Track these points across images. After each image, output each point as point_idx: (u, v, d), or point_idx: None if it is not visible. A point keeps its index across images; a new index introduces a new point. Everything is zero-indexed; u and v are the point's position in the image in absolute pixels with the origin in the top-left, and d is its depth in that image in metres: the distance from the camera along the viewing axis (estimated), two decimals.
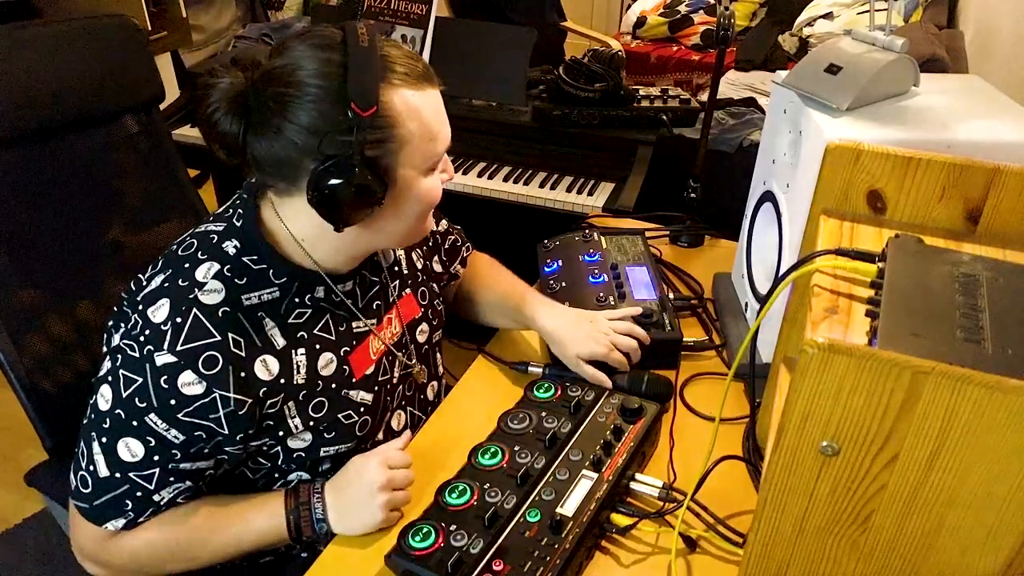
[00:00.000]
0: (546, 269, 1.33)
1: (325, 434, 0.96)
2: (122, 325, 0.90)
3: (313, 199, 0.83)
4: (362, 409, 0.99)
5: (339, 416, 0.97)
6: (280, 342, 0.92)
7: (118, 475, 0.89)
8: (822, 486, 0.61)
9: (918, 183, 0.75)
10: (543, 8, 3.12)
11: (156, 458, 0.88)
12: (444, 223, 1.25)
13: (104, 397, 0.89)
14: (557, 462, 0.93)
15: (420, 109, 0.85)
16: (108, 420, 0.88)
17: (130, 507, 0.91)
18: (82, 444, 0.92)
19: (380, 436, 1.05)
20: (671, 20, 3.66)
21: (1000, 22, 2.33)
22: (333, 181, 0.82)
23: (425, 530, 0.84)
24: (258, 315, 0.90)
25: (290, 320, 0.93)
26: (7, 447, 2.07)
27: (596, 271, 1.28)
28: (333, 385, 0.96)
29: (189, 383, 0.85)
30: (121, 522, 0.91)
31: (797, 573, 0.67)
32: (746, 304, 1.20)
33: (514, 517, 0.86)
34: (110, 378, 0.88)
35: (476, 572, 0.80)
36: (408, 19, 2.09)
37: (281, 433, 0.93)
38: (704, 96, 2.16)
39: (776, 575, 0.68)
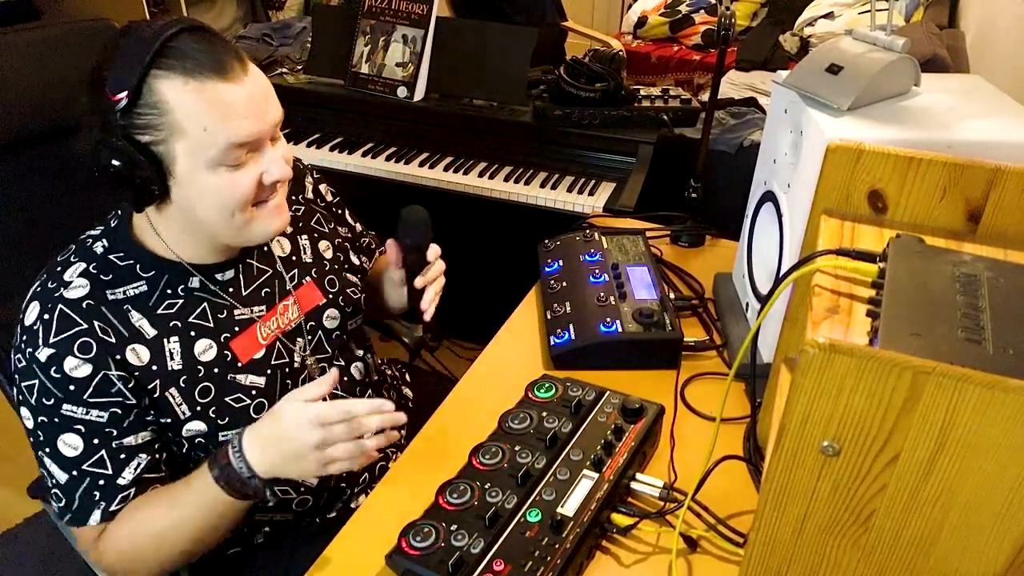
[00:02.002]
0: (547, 269, 1.33)
1: (219, 420, 0.99)
2: (10, 341, 0.94)
3: (98, 177, 0.89)
4: (254, 392, 1.01)
5: (227, 400, 0.99)
6: (150, 332, 0.95)
7: (74, 473, 0.92)
8: (823, 486, 0.61)
9: (919, 183, 0.75)
10: (543, 8, 3.12)
11: (96, 442, 0.92)
12: (358, 226, 1.29)
13: (25, 416, 0.93)
14: (558, 462, 0.93)
15: (193, 98, 0.85)
16: (40, 432, 0.92)
17: (98, 497, 0.93)
18: (41, 469, 0.95)
19: None
20: (672, 20, 3.66)
21: (1001, 22, 2.32)
22: (102, 161, 0.87)
23: (426, 530, 0.84)
24: (124, 308, 0.94)
25: (160, 311, 0.96)
26: (7, 447, 2.07)
27: (597, 271, 1.28)
28: (216, 370, 0.99)
29: (75, 367, 0.90)
30: (97, 515, 0.93)
31: (798, 573, 0.67)
32: (747, 304, 1.20)
33: (515, 517, 0.86)
34: (20, 396, 0.93)
35: (477, 572, 0.80)
36: (409, 19, 2.09)
37: (170, 420, 0.96)
38: (705, 96, 2.17)
39: (777, 575, 0.68)
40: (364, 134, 2.13)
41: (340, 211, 1.25)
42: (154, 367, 0.95)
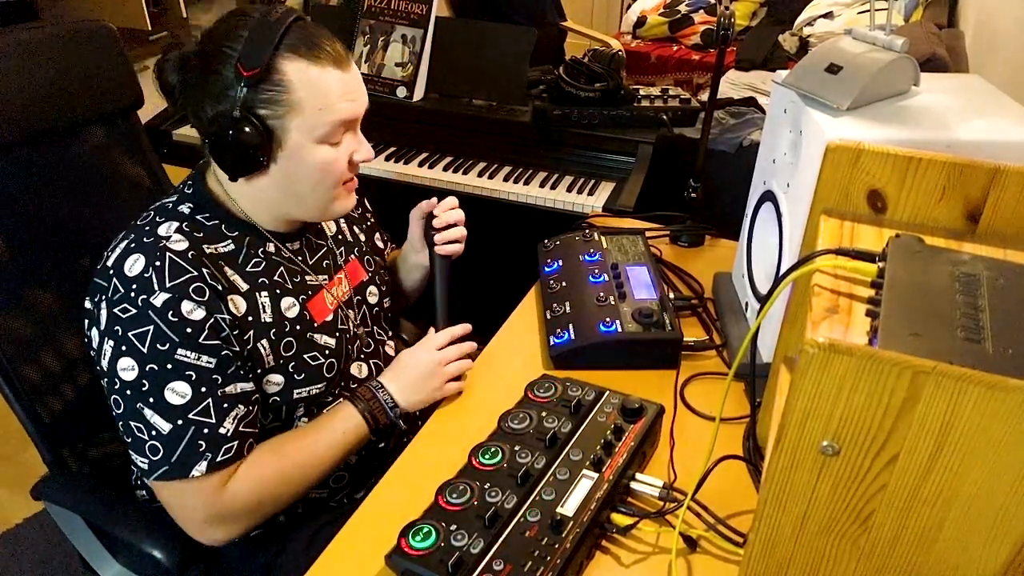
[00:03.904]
0: (546, 269, 1.33)
1: (295, 375, 1.04)
2: (102, 297, 0.95)
3: (206, 144, 0.97)
4: (327, 352, 1.09)
5: (306, 357, 1.06)
6: (243, 286, 1.02)
7: (180, 422, 0.94)
8: (822, 486, 0.61)
9: (918, 183, 0.75)
10: (543, 8, 3.12)
11: (203, 390, 0.95)
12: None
13: (125, 369, 0.94)
14: (557, 462, 0.93)
15: (314, 81, 0.95)
16: (145, 381, 0.94)
17: (204, 447, 0.95)
18: (132, 424, 0.95)
19: (344, 383, 1.13)
20: (671, 20, 3.66)
21: (1000, 22, 2.33)
22: (219, 129, 0.94)
23: (425, 530, 0.84)
24: (219, 263, 1.00)
25: (248, 269, 1.03)
26: (7, 447, 2.07)
27: (596, 271, 1.28)
28: (298, 327, 1.06)
29: (191, 310, 0.94)
30: (204, 465, 0.95)
31: (798, 573, 0.67)
32: (746, 304, 1.20)
33: (514, 517, 0.86)
34: (123, 347, 0.93)
35: (476, 572, 0.80)
36: (408, 19, 2.09)
37: (258, 371, 1.01)
38: (704, 96, 2.16)
39: (777, 575, 0.68)
40: (363, 134, 2.13)
41: (361, 198, 1.32)
42: (250, 318, 1.01)
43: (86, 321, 0.98)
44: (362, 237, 1.26)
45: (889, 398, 0.55)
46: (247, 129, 0.93)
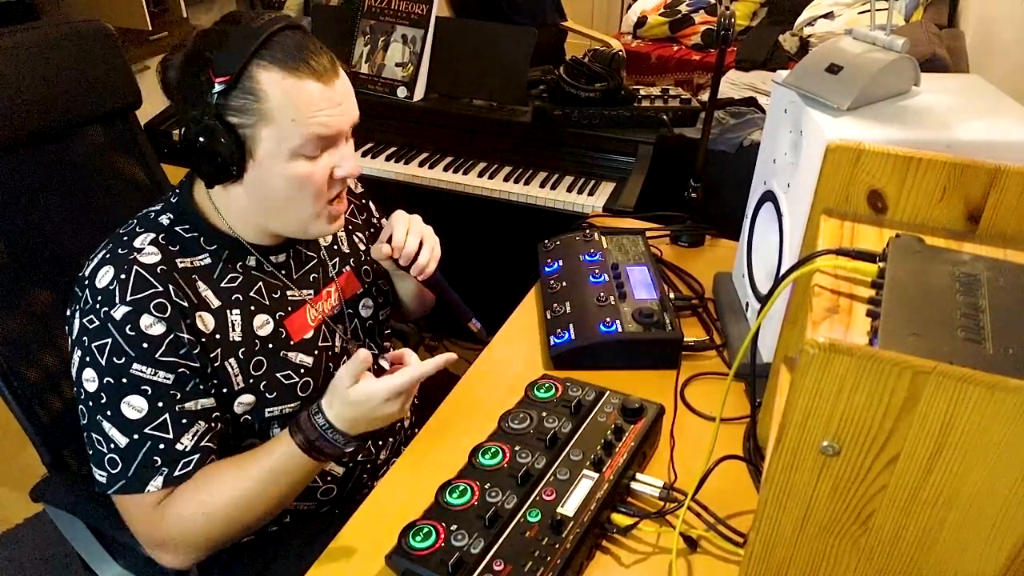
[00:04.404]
0: (546, 269, 1.33)
1: (267, 394, 1.02)
2: (76, 306, 0.95)
3: (182, 149, 0.94)
4: (302, 370, 1.06)
5: (278, 375, 1.03)
6: (215, 302, 0.99)
7: (136, 436, 0.93)
8: (823, 486, 0.61)
9: (919, 183, 0.75)
10: (544, 8, 3.12)
11: (160, 404, 0.93)
12: (382, 220, 1.32)
13: (88, 379, 0.93)
14: (558, 462, 0.93)
15: (288, 92, 0.91)
16: (103, 394, 0.93)
17: (160, 462, 0.93)
18: (93, 435, 0.95)
19: None
20: (672, 20, 3.66)
21: (1000, 22, 2.33)
22: (193, 134, 0.92)
23: (425, 530, 0.84)
24: (192, 277, 0.98)
25: (223, 284, 1.01)
26: (7, 447, 2.07)
27: (596, 271, 1.28)
28: (270, 345, 1.03)
29: (150, 324, 0.93)
30: (159, 480, 0.93)
31: (798, 573, 0.67)
32: (747, 304, 1.20)
33: (515, 517, 0.86)
34: (87, 359, 0.93)
35: (477, 572, 0.80)
36: (408, 19, 2.09)
37: (225, 390, 0.99)
38: (705, 96, 2.16)
39: (777, 575, 0.68)
40: (364, 134, 2.13)
41: (366, 201, 1.30)
42: (218, 336, 0.98)
43: (66, 327, 0.98)
44: (361, 246, 1.22)
45: (889, 398, 0.55)
46: (217, 136, 0.91)
